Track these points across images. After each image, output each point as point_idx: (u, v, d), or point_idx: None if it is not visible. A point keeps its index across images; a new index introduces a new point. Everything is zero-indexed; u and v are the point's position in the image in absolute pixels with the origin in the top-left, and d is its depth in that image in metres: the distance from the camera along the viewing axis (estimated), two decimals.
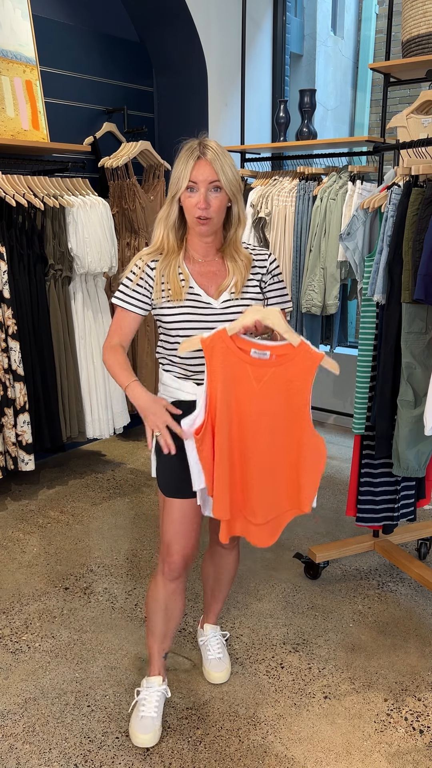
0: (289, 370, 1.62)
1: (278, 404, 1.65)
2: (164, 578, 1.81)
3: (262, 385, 1.63)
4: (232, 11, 3.93)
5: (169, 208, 1.69)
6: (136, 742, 1.81)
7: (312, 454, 1.69)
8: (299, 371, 1.62)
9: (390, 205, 2.05)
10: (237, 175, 1.68)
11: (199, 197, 1.62)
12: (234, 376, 1.62)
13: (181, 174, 1.63)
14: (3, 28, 3.09)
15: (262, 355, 1.62)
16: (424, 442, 2.16)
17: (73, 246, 3.16)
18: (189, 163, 1.62)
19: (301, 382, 1.63)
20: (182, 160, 1.64)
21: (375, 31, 6.73)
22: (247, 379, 1.64)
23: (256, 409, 1.64)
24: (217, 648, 2.10)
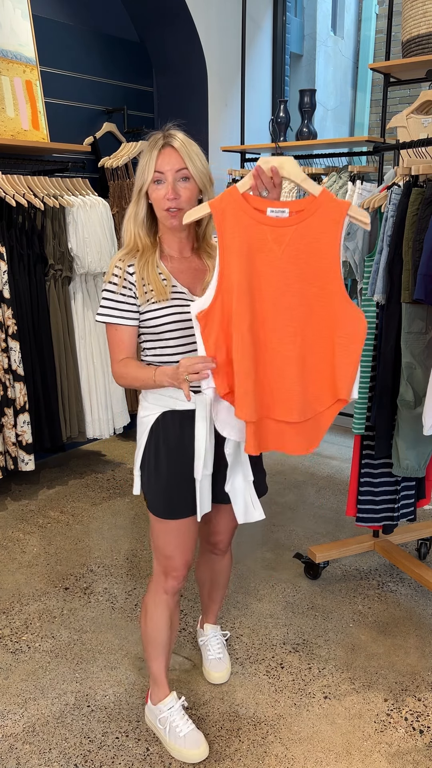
0: (312, 226, 1.39)
1: (305, 269, 1.41)
2: (167, 594, 1.74)
3: (284, 248, 1.40)
4: (232, 11, 3.93)
5: (137, 205, 1.60)
6: (192, 759, 1.75)
7: (348, 327, 1.43)
8: (325, 225, 1.39)
9: (390, 205, 2.05)
10: (207, 165, 1.58)
11: (166, 188, 1.53)
12: (251, 242, 1.40)
13: (146, 166, 1.53)
14: (3, 28, 3.09)
15: (281, 213, 1.39)
16: (424, 442, 2.16)
17: (73, 246, 3.16)
18: (153, 153, 1.53)
19: (329, 237, 1.39)
20: (146, 153, 1.54)
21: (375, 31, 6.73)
22: (266, 243, 1.40)
23: (279, 278, 1.41)
24: (218, 648, 2.09)
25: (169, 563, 1.71)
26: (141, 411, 1.71)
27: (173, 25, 3.85)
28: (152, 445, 1.67)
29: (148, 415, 1.67)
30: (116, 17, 3.93)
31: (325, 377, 1.48)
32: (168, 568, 1.72)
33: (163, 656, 1.82)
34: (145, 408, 1.68)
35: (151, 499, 1.69)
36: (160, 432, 1.66)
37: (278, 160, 1.40)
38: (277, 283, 1.42)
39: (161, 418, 1.65)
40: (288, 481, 3.49)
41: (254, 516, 1.69)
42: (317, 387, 1.49)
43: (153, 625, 1.78)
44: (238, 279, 1.40)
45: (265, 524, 3.03)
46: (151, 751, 1.80)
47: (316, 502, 3.26)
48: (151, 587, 1.78)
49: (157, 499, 1.67)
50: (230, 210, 1.40)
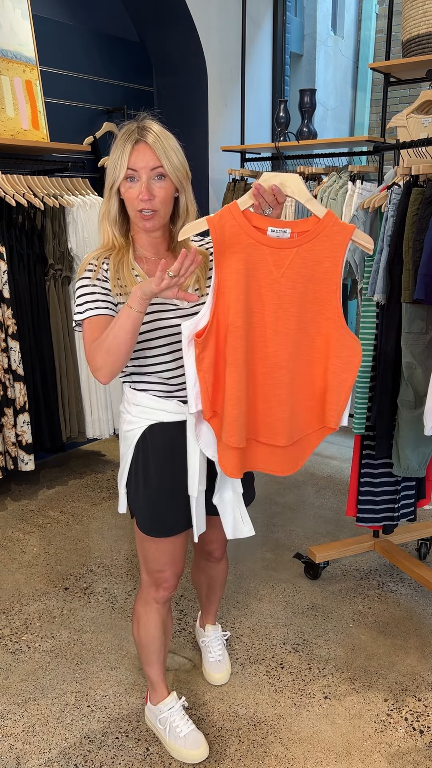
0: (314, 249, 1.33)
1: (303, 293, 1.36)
2: (158, 603, 1.71)
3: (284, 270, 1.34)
4: (232, 11, 3.93)
5: (108, 203, 1.49)
6: (192, 760, 1.75)
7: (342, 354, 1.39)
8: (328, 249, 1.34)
9: (390, 205, 2.05)
10: (184, 160, 1.48)
11: (140, 187, 1.42)
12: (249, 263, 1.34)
13: (117, 161, 1.43)
14: (3, 28, 3.09)
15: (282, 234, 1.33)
16: (424, 443, 2.15)
17: (73, 246, 3.16)
18: (126, 148, 1.41)
19: (331, 262, 1.35)
20: (119, 146, 1.43)
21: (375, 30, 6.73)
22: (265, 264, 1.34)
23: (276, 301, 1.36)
24: (218, 650, 2.09)
25: (159, 576, 1.68)
26: (124, 425, 1.61)
27: (173, 25, 3.85)
28: (139, 461, 1.59)
29: (132, 429, 1.59)
30: (116, 17, 3.93)
31: (315, 404, 1.46)
32: (158, 580, 1.68)
33: (158, 662, 1.81)
34: (130, 422, 1.59)
35: (139, 516, 1.62)
36: (147, 446, 1.58)
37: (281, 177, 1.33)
38: (274, 306, 1.38)
39: (148, 431, 1.57)
40: (288, 481, 3.49)
41: (243, 532, 1.65)
42: (307, 412, 1.47)
43: (146, 633, 1.75)
44: (236, 300, 1.36)
45: (265, 524, 3.03)
46: (151, 751, 1.80)
47: (316, 502, 3.25)
48: (141, 596, 1.74)
49: (147, 517, 1.60)
50: (229, 228, 1.34)
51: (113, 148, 1.45)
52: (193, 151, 1.56)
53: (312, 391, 1.45)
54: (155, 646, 1.77)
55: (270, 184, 1.32)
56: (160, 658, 1.81)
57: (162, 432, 1.57)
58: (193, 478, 1.57)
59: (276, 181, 1.32)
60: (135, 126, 1.44)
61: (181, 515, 1.61)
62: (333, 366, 1.41)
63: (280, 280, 1.36)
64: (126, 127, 1.45)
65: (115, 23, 3.92)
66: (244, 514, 1.66)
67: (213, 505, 1.66)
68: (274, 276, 1.36)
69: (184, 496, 1.60)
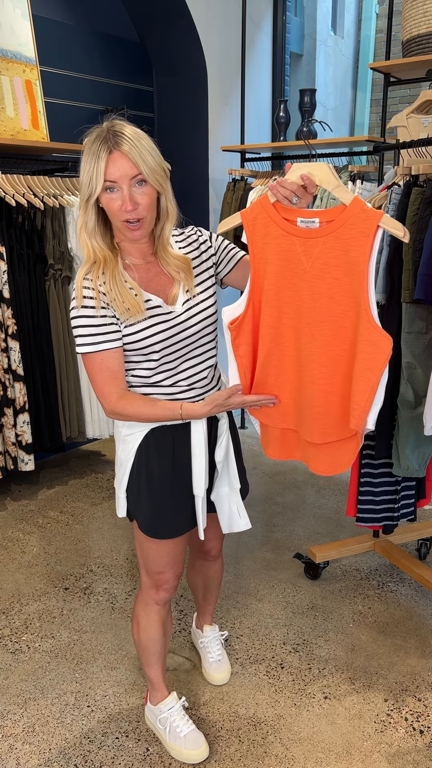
0: (342, 238, 1.31)
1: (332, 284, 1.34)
2: (159, 605, 1.71)
3: (313, 261, 1.33)
4: (232, 11, 3.93)
5: (85, 215, 1.42)
6: (192, 760, 1.75)
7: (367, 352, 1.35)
8: (355, 236, 1.31)
9: (390, 204, 2.05)
10: (160, 159, 1.42)
11: (122, 198, 1.37)
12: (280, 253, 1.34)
13: (93, 173, 1.36)
14: (3, 28, 3.09)
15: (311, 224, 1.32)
16: (424, 442, 2.15)
17: (73, 246, 3.16)
18: (101, 157, 1.35)
19: (358, 251, 1.31)
20: (91, 155, 1.36)
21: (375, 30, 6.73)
22: (296, 255, 1.34)
23: (307, 292, 1.35)
24: (218, 650, 2.09)
25: (160, 577, 1.67)
26: (123, 429, 1.58)
27: (173, 25, 3.85)
28: (142, 465, 1.57)
29: (133, 433, 1.56)
30: (116, 17, 3.93)
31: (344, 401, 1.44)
32: (159, 581, 1.68)
33: (158, 663, 1.81)
34: (128, 425, 1.56)
35: (142, 520, 1.60)
36: (150, 450, 1.56)
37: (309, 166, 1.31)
38: (305, 297, 1.37)
39: (150, 434, 1.55)
40: (288, 481, 3.49)
41: (240, 525, 1.66)
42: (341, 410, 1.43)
43: (146, 636, 1.75)
44: (267, 290, 1.37)
45: (265, 524, 3.03)
46: (151, 751, 1.80)
47: (316, 502, 3.25)
48: (140, 599, 1.74)
49: (150, 520, 1.59)
50: (260, 219, 1.36)
51: (84, 158, 1.38)
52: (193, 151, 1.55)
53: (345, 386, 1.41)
54: (155, 647, 1.77)
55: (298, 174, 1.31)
56: (161, 659, 1.81)
57: (163, 434, 1.55)
58: (199, 478, 1.57)
59: (304, 170, 1.31)
60: (105, 131, 1.37)
61: (183, 516, 1.61)
62: (359, 363, 1.37)
63: (310, 270, 1.35)
64: (95, 132, 1.38)
65: (115, 23, 3.92)
66: (241, 507, 1.67)
67: (210, 503, 1.67)
68: (304, 266, 1.35)
69: (186, 496, 1.60)
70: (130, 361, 1.50)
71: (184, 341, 1.51)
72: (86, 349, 1.44)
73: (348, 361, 1.39)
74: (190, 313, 1.51)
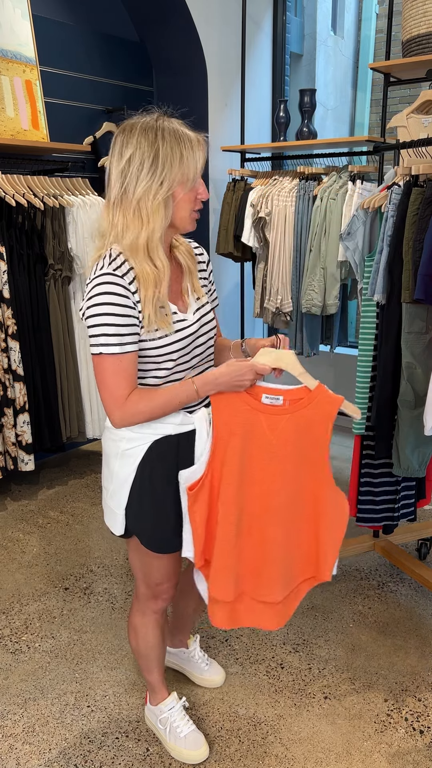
0: (305, 417, 1.44)
1: (295, 456, 1.46)
2: (157, 614, 1.70)
3: (278, 434, 1.44)
4: (232, 11, 3.93)
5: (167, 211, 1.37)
6: (192, 760, 1.75)
7: (332, 512, 1.50)
8: (317, 417, 1.44)
9: (390, 204, 2.05)
10: None
11: (202, 186, 1.41)
12: (245, 426, 1.43)
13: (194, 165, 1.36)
14: (3, 28, 3.09)
15: (275, 401, 1.43)
16: (424, 443, 2.15)
17: (73, 246, 3.16)
18: (201, 150, 1.37)
19: (320, 429, 1.45)
20: (185, 148, 1.34)
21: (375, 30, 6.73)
22: (260, 429, 1.43)
23: (269, 463, 1.45)
24: (204, 655, 2.06)
25: (159, 588, 1.66)
26: (122, 443, 1.50)
27: (173, 25, 3.85)
28: (145, 480, 1.51)
29: (135, 447, 1.49)
30: (116, 17, 3.93)
31: (306, 557, 1.55)
32: (158, 592, 1.66)
33: (158, 668, 1.81)
34: (130, 438, 1.49)
35: (145, 536, 1.55)
36: (154, 463, 1.50)
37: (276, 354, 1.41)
38: (268, 467, 1.45)
39: (154, 445, 1.49)
40: None
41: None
42: (298, 565, 1.55)
43: (146, 644, 1.74)
44: (230, 459, 1.43)
45: None
46: (151, 751, 1.80)
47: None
48: (137, 609, 1.72)
49: (155, 536, 1.54)
50: (225, 395, 1.44)
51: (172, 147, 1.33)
52: None
53: (304, 546, 1.53)
54: (155, 653, 1.77)
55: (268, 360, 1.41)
56: (160, 664, 1.81)
57: (169, 445, 1.50)
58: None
59: (273, 356, 1.41)
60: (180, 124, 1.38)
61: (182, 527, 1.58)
62: (324, 523, 1.50)
63: (273, 442, 1.44)
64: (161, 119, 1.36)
65: (115, 23, 3.92)
66: None
67: None
68: (268, 438, 1.44)
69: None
70: (141, 369, 1.45)
71: (196, 349, 1.51)
72: (111, 350, 1.36)
73: (307, 524, 1.51)
74: (201, 322, 1.52)
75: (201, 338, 1.51)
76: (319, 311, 3.24)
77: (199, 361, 1.54)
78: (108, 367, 1.38)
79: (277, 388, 1.44)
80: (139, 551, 1.60)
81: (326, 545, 1.52)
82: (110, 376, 1.38)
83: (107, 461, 1.57)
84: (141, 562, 1.63)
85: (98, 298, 1.35)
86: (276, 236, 3.39)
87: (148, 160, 1.34)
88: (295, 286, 3.36)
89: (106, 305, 1.35)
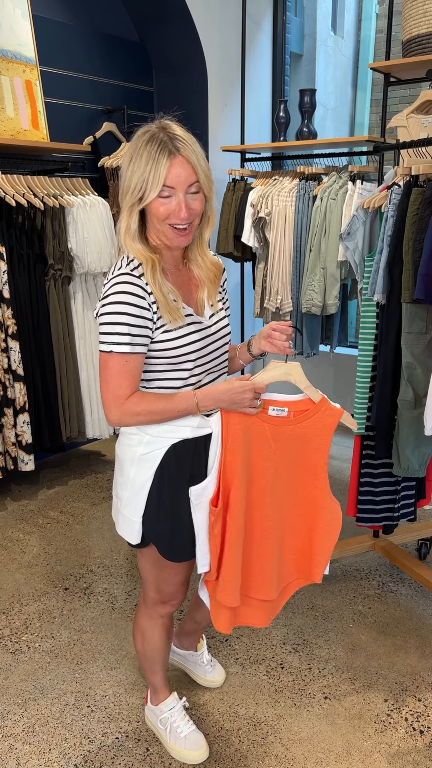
0: (308, 428, 1.50)
1: (295, 465, 1.52)
2: (164, 618, 1.70)
3: (281, 444, 1.49)
4: (232, 11, 3.93)
5: (130, 219, 1.38)
6: (192, 761, 1.75)
7: (327, 519, 1.56)
8: (319, 428, 1.50)
9: (390, 204, 2.05)
10: (207, 163, 1.42)
11: (177, 204, 1.34)
12: (252, 438, 1.46)
13: (149, 177, 1.32)
14: (3, 28, 3.09)
15: (280, 413, 1.48)
16: (424, 442, 2.15)
17: (73, 246, 3.16)
18: (161, 162, 1.31)
19: (320, 439, 1.51)
20: (148, 159, 1.32)
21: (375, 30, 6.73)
22: (266, 439, 1.47)
23: (272, 472, 1.50)
24: (211, 659, 2.06)
25: (169, 594, 1.66)
26: (139, 448, 1.49)
27: (173, 25, 3.85)
28: (164, 486, 1.49)
29: (152, 451, 1.48)
30: (116, 17, 3.93)
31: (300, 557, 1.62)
32: (167, 598, 1.66)
33: (162, 670, 1.81)
34: (148, 443, 1.48)
35: (162, 544, 1.53)
36: (172, 468, 1.48)
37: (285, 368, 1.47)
38: (270, 475, 1.50)
39: (171, 450, 1.48)
40: None
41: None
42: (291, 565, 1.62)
43: (151, 647, 1.74)
44: (238, 470, 1.46)
45: None
46: (151, 751, 1.80)
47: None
48: (145, 612, 1.71)
49: (173, 543, 1.52)
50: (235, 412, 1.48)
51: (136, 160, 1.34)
52: None
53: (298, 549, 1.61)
54: (160, 656, 1.77)
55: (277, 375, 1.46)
56: (164, 666, 1.81)
57: (186, 450, 1.49)
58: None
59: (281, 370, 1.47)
60: (162, 134, 1.33)
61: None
62: (320, 529, 1.57)
63: (277, 452, 1.50)
64: (148, 133, 1.34)
65: (115, 23, 3.92)
66: None
67: None
68: (272, 448, 1.49)
69: None
70: (160, 371, 1.44)
71: (212, 353, 1.51)
72: (121, 349, 1.36)
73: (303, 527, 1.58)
74: (218, 326, 1.52)
75: (217, 342, 1.52)
76: (319, 311, 3.24)
77: (215, 366, 1.53)
78: (114, 365, 1.38)
79: (283, 400, 1.49)
80: (152, 559, 1.58)
81: (319, 550, 1.58)
82: (115, 374, 1.38)
83: (121, 468, 1.55)
84: (154, 569, 1.61)
85: (115, 297, 1.36)
86: (276, 236, 3.39)
87: (126, 163, 1.38)
88: (295, 286, 3.36)
89: (122, 304, 1.36)
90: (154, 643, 1.74)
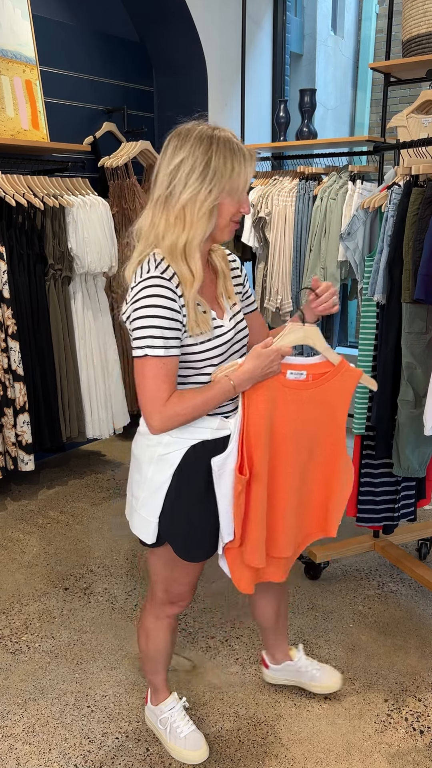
0: (327, 391, 1.52)
1: (315, 427, 1.54)
2: (170, 618, 1.70)
3: (300, 406, 1.50)
4: (232, 11, 3.93)
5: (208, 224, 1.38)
6: (192, 761, 1.74)
7: (343, 476, 1.60)
8: (338, 390, 1.53)
9: (390, 204, 2.05)
10: None
11: (245, 199, 1.43)
12: (271, 401, 1.48)
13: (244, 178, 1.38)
14: (3, 28, 3.09)
15: (299, 376, 1.50)
16: (424, 443, 2.15)
17: (73, 246, 3.16)
18: (251, 165, 1.39)
19: (340, 402, 1.54)
20: (237, 161, 1.36)
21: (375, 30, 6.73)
22: (285, 403, 1.49)
23: (293, 435, 1.52)
24: (313, 662, 1.99)
25: (178, 595, 1.65)
26: (159, 448, 1.49)
27: (173, 25, 3.85)
28: (182, 486, 1.49)
29: (171, 452, 1.48)
30: (116, 17, 3.93)
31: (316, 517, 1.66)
32: (176, 598, 1.66)
33: (164, 670, 1.82)
34: (167, 444, 1.48)
35: (178, 543, 1.52)
36: (191, 469, 1.48)
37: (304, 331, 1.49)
38: (291, 438, 1.53)
39: (191, 452, 1.48)
40: None
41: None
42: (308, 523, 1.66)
43: (155, 647, 1.75)
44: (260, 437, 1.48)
45: None
46: (151, 751, 1.80)
47: None
48: (152, 611, 1.71)
49: (189, 543, 1.52)
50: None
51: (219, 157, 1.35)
52: None
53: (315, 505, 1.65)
54: (163, 656, 1.78)
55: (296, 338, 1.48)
56: (166, 666, 1.82)
57: (205, 451, 1.48)
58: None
59: (300, 334, 1.48)
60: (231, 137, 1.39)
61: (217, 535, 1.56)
62: (337, 486, 1.62)
63: (297, 417, 1.52)
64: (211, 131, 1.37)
65: (115, 23, 3.92)
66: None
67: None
68: (292, 413, 1.51)
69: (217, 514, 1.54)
70: (181, 375, 1.45)
71: (232, 357, 1.51)
72: (156, 353, 1.35)
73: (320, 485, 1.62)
74: (237, 329, 1.53)
75: (236, 345, 1.52)
76: None
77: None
78: (151, 369, 1.37)
79: (301, 363, 1.50)
80: (164, 558, 1.58)
81: (335, 504, 1.63)
82: (152, 378, 1.37)
83: (139, 467, 1.55)
84: (165, 569, 1.61)
85: (147, 300, 1.36)
86: (276, 236, 3.39)
87: (199, 167, 1.35)
88: (295, 286, 3.36)
89: (154, 308, 1.35)
90: (159, 643, 1.74)
